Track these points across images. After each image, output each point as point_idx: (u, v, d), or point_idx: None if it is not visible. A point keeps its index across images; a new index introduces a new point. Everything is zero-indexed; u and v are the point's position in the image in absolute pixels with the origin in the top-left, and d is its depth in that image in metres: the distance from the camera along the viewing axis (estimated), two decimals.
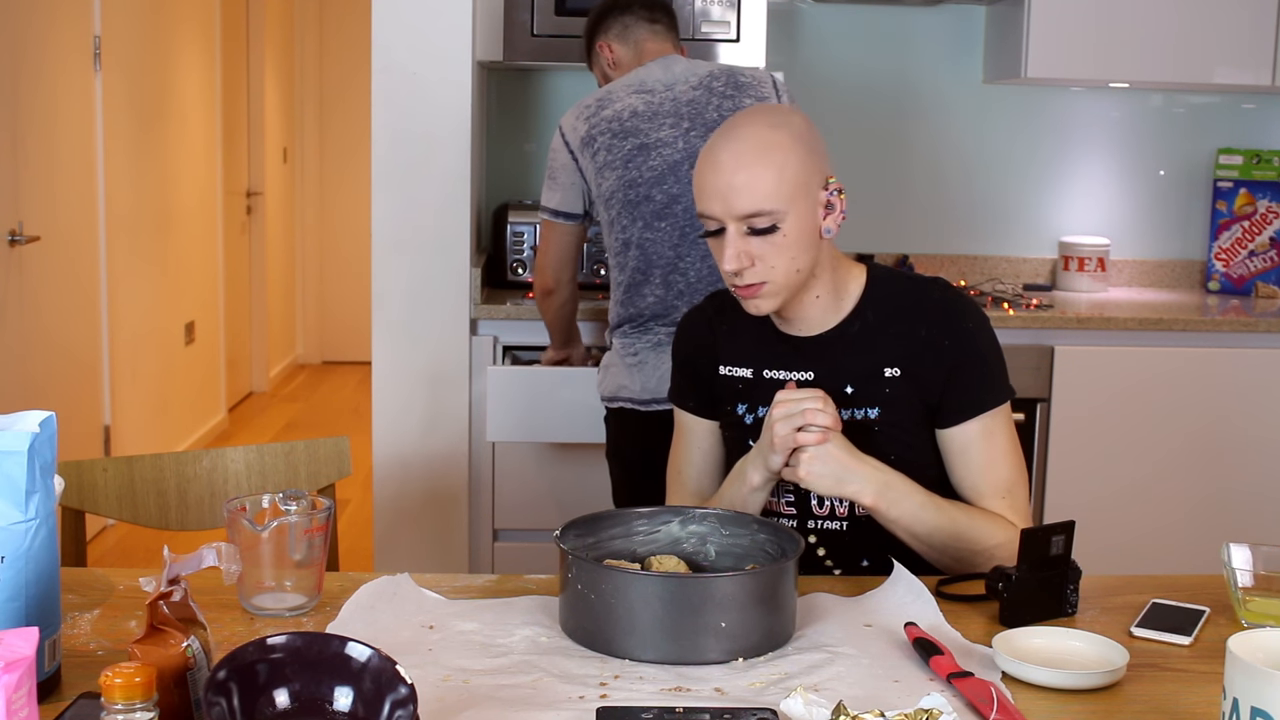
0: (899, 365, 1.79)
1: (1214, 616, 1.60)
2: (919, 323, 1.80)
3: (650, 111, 2.75)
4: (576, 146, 2.78)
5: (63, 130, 4.36)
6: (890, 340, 1.80)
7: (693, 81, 2.77)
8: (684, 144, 2.72)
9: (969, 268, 3.97)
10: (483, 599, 1.60)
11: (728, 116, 2.71)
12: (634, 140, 2.72)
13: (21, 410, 1.36)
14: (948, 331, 1.80)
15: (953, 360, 1.79)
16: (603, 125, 2.75)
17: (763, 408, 1.84)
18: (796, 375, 1.84)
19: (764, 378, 1.86)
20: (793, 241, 1.72)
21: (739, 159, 1.70)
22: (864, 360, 1.80)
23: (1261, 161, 3.88)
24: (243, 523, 1.56)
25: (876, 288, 1.83)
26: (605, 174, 2.75)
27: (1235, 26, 3.52)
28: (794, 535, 1.58)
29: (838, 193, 1.76)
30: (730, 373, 1.89)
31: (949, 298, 1.83)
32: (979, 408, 1.79)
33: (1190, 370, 3.39)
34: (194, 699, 1.23)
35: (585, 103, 2.82)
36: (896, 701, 1.32)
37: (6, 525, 1.29)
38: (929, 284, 1.86)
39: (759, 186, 1.70)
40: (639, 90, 2.78)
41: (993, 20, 3.81)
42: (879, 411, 1.80)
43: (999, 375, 1.83)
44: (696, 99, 2.75)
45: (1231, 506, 3.42)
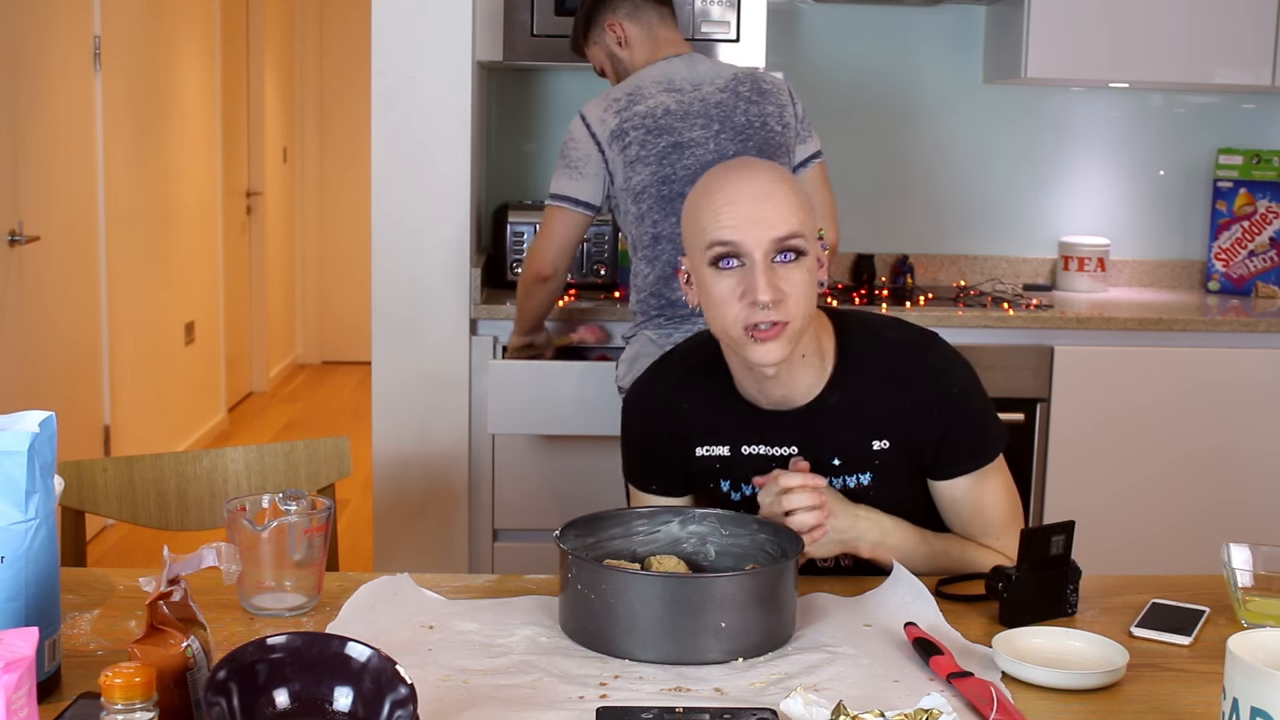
0: (888, 437, 1.74)
1: (1214, 616, 1.60)
2: (903, 394, 1.73)
3: (681, 111, 2.77)
4: (605, 139, 2.79)
5: (63, 130, 4.36)
6: (874, 411, 1.73)
7: (719, 84, 2.80)
8: (714, 145, 2.75)
9: (969, 268, 3.97)
10: (483, 599, 1.61)
11: (754, 121, 2.76)
12: (668, 138, 2.75)
13: (21, 410, 1.36)
14: (935, 400, 1.73)
15: (943, 428, 1.73)
16: (635, 120, 2.76)
17: (745, 485, 1.79)
18: (777, 450, 1.76)
19: (742, 454, 1.78)
20: (810, 278, 1.65)
21: (763, 186, 1.64)
22: (849, 433, 1.74)
23: (1261, 161, 3.88)
24: (243, 523, 1.56)
25: (851, 351, 1.75)
26: (637, 168, 2.76)
27: (1235, 26, 3.52)
28: (794, 535, 1.58)
29: (825, 247, 1.72)
30: (707, 452, 1.80)
31: (929, 362, 1.75)
32: (972, 465, 1.76)
33: (1190, 370, 3.39)
34: (194, 699, 1.23)
35: (613, 95, 2.81)
36: (896, 701, 1.32)
37: (6, 525, 1.29)
38: (906, 349, 1.76)
39: (789, 207, 1.63)
40: (668, 89, 2.79)
41: (993, 20, 3.81)
42: (871, 477, 1.75)
43: (991, 432, 1.77)
44: (724, 101, 2.78)
45: (1231, 506, 3.42)
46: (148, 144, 5.26)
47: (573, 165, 2.83)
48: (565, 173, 2.84)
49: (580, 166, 2.82)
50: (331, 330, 8.24)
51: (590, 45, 2.97)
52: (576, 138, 2.83)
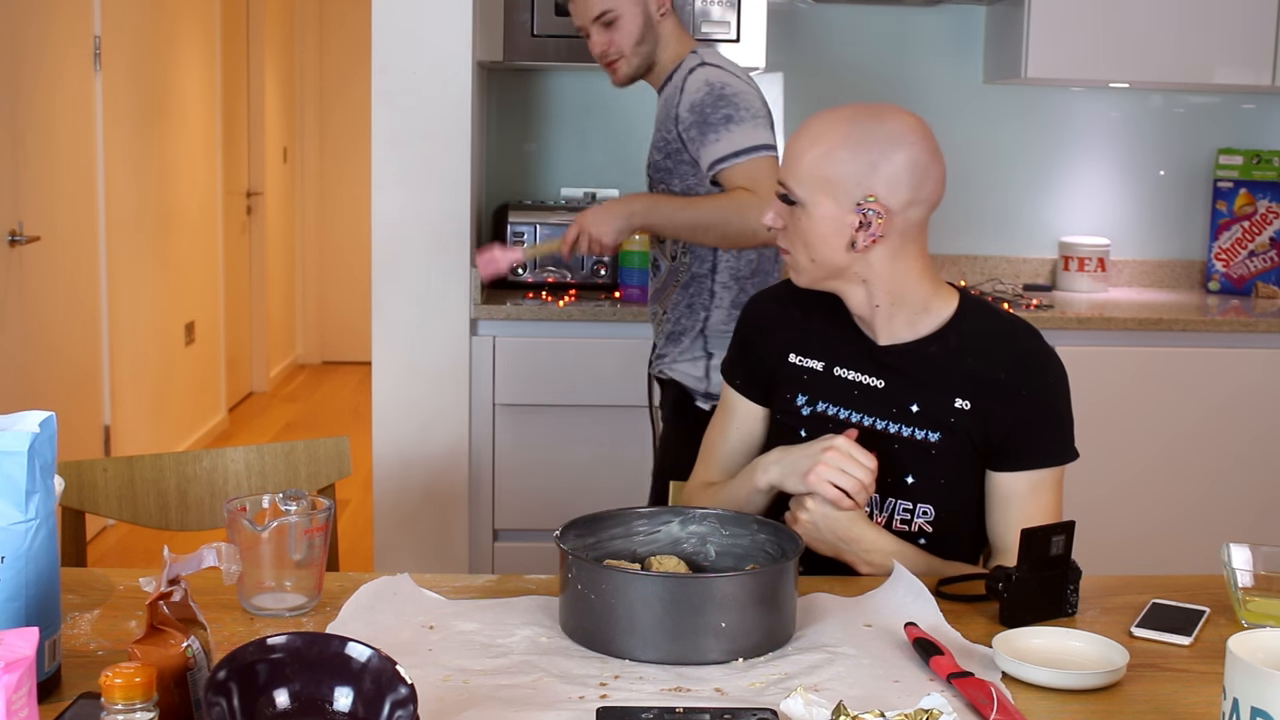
0: (970, 399, 1.77)
1: (1214, 616, 1.60)
2: (1001, 365, 1.78)
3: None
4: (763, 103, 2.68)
5: (63, 130, 4.36)
6: (967, 372, 1.78)
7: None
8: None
9: (969, 268, 3.97)
10: (483, 599, 1.60)
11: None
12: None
13: (21, 410, 1.36)
14: (1028, 380, 1.77)
15: (1026, 410, 1.76)
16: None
17: (823, 403, 1.83)
18: (867, 380, 1.81)
19: (834, 374, 1.84)
20: (810, 229, 1.75)
21: (801, 132, 1.77)
22: (936, 383, 1.78)
23: (1261, 161, 3.88)
24: (243, 523, 1.56)
25: (966, 317, 1.81)
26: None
27: (1235, 26, 3.52)
28: (794, 535, 1.58)
29: (876, 214, 1.73)
30: (800, 362, 1.87)
31: (1036, 346, 1.81)
32: (1037, 462, 1.77)
33: (1190, 370, 3.39)
34: (194, 699, 1.23)
35: (735, 69, 2.68)
36: (896, 701, 1.32)
37: (6, 525, 1.29)
38: (1020, 329, 1.84)
39: (794, 163, 1.75)
40: (747, 80, 2.68)
41: (993, 20, 3.81)
42: (940, 437, 1.77)
43: (1065, 435, 1.80)
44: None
45: (1231, 506, 3.42)
46: (148, 144, 5.26)
47: (758, 115, 2.61)
48: (755, 124, 2.59)
49: (766, 117, 2.63)
50: (331, 330, 8.24)
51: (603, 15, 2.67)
52: (744, 92, 2.61)
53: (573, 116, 3.86)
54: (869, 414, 1.80)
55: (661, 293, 2.84)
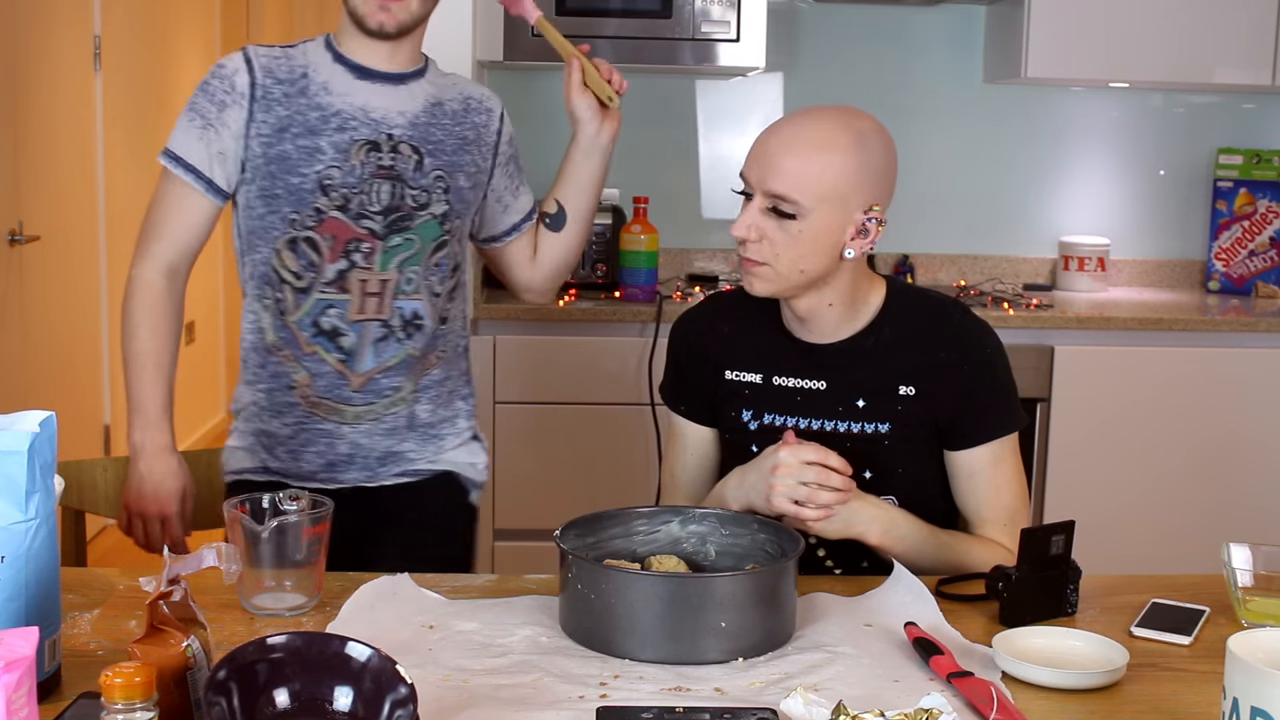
0: (914, 384, 1.78)
1: (1214, 616, 1.60)
2: (938, 345, 1.79)
3: None
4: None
5: (63, 130, 4.36)
6: (906, 358, 1.79)
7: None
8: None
9: (969, 268, 3.97)
10: (483, 599, 1.61)
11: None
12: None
13: (21, 410, 1.36)
14: (967, 356, 1.79)
15: (970, 384, 1.78)
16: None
17: (768, 414, 1.83)
18: (808, 384, 1.81)
19: (773, 384, 1.84)
20: (806, 241, 1.71)
21: (793, 140, 1.70)
22: (878, 375, 1.79)
23: (1261, 161, 3.88)
24: (243, 522, 1.56)
25: (895, 304, 1.82)
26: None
27: (1235, 26, 3.52)
28: (794, 535, 1.58)
29: (876, 222, 1.73)
30: (738, 377, 1.86)
31: (968, 322, 1.82)
32: (992, 433, 1.79)
33: (1190, 370, 3.39)
34: (194, 699, 1.23)
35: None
36: (896, 701, 1.32)
37: (6, 525, 1.29)
38: (949, 305, 1.84)
39: (794, 174, 1.69)
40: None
41: (993, 20, 3.81)
42: (890, 427, 1.79)
43: (1013, 402, 1.82)
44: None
45: (1231, 506, 3.42)
46: (148, 144, 5.26)
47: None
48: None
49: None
50: None
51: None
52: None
53: None
54: (815, 417, 1.81)
55: (418, 363, 2.07)
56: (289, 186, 1.96)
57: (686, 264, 3.89)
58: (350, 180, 1.95)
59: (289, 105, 1.98)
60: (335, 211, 1.95)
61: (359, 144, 1.97)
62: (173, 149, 2.02)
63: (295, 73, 2.01)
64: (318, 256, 1.96)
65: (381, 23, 1.97)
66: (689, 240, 3.89)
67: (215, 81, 1.99)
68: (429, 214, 1.99)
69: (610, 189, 3.84)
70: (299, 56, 2.03)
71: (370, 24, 1.97)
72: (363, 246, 1.96)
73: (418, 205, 1.98)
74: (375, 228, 1.96)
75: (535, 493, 3.35)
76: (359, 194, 1.96)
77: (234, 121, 1.97)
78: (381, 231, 1.97)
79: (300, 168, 1.95)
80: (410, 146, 1.99)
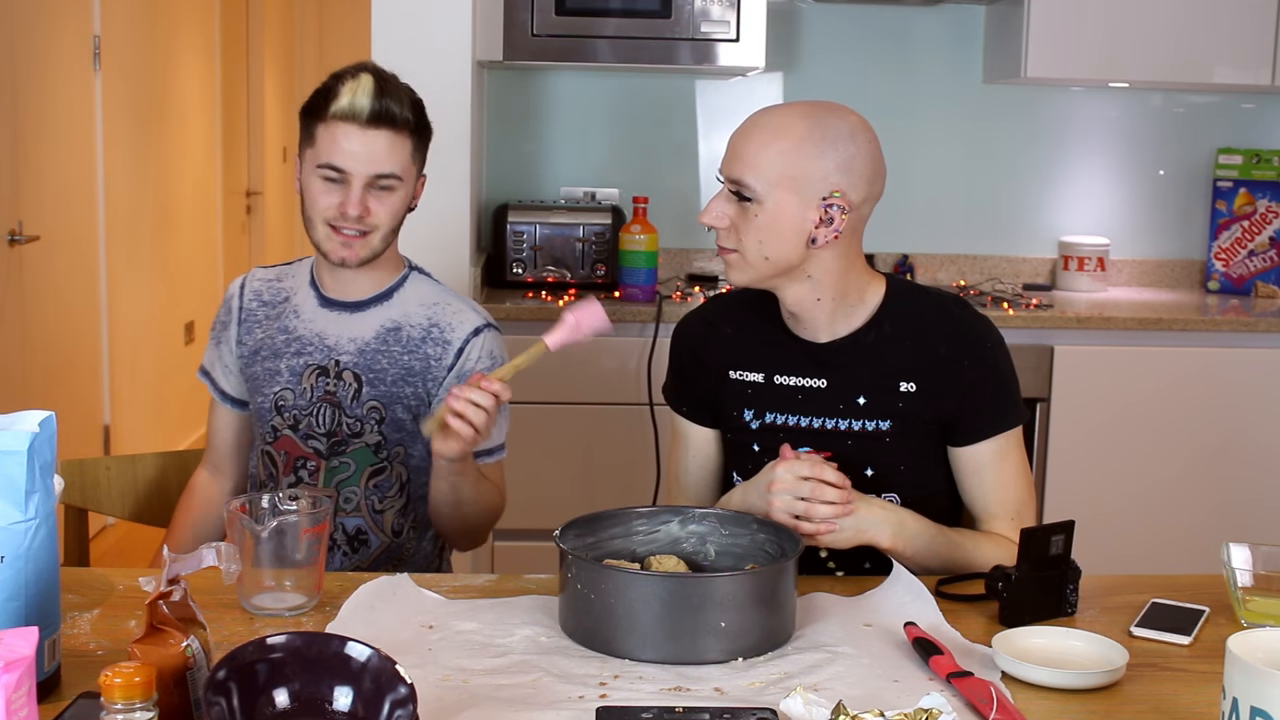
0: (914, 380, 1.78)
1: (1214, 616, 1.60)
2: (938, 340, 1.79)
3: None
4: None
5: (63, 130, 4.36)
6: (906, 354, 1.79)
7: None
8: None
9: (969, 268, 3.97)
10: (483, 599, 1.61)
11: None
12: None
13: (21, 410, 1.36)
14: (968, 351, 1.79)
15: (971, 380, 1.78)
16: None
17: (770, 413, 1.83)
18: (809, 382, 1.81)
19: (775, 383, 1.83)
20: (765, 226, 1.72)
21: (754, 127, 1.74)
22: (878, 372, 1.79)
23: (1261, 161, 3.88)
24: (242, 523, 1.56)
25: (895, 300, 1.82)
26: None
27: (1235, 26, 3.52)
28: (794, 535, 1.58)
29: (840, 210, 1.72)
30: (740, 377, 1.86)
31: (969, 317, 1.82)
32: (995, 428, 1.79)
33: (1190, 370, 3.39)
34: (194, 699, 1.23)
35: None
36: (896, 701, 1.32)
37: (6, 525, 1.29)
38: (949, 301, 1.85)
39: (748, 157, 1.72)
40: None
41: (993, 20, 3.80)
42: (891, 424, 1.78)
43: (1015, 397, 1.82)
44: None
45: (1231, 506, 3.42)
46: (148, 144, 5.26)
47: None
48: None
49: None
50: None
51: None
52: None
53: (573, 116, 3.86)
54: (816, 416, 1.81)
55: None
56: (257, 405, 2.07)
57: (686, 264, 3.89)
58: (300, 403, 2.03)
59: (266, 328, 2.08)
60: (288, 430, 2.04)
61: (310, 368, 2.03)
62: (203, 364, 2.18)
63: (280, 295, 2.10)
64: (275, 470, 2.06)
65: (344, 259, 2.00)
66: (689, 240, 3.89)
67: (224, 301, 2.15)
68: (362, 442, 2.03)
69: (610, 189, 3.84)
70: (289, 278, 2.13)
71: (333, 259, 2.00)
72: (309, 464, 2.04)
73: (353, 433, 2.03)
74: (320, 448, 2.03)
75: (535, 493, 3.35)
76: (307, 416, 2.03)
77: (230, 339, 2.12)
78: (325, 452, 2.03)
79: (264, 388, 2.05)
80: (353, 374, 2.03)
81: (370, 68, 1.97)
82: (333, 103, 1.93)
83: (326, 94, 1.95)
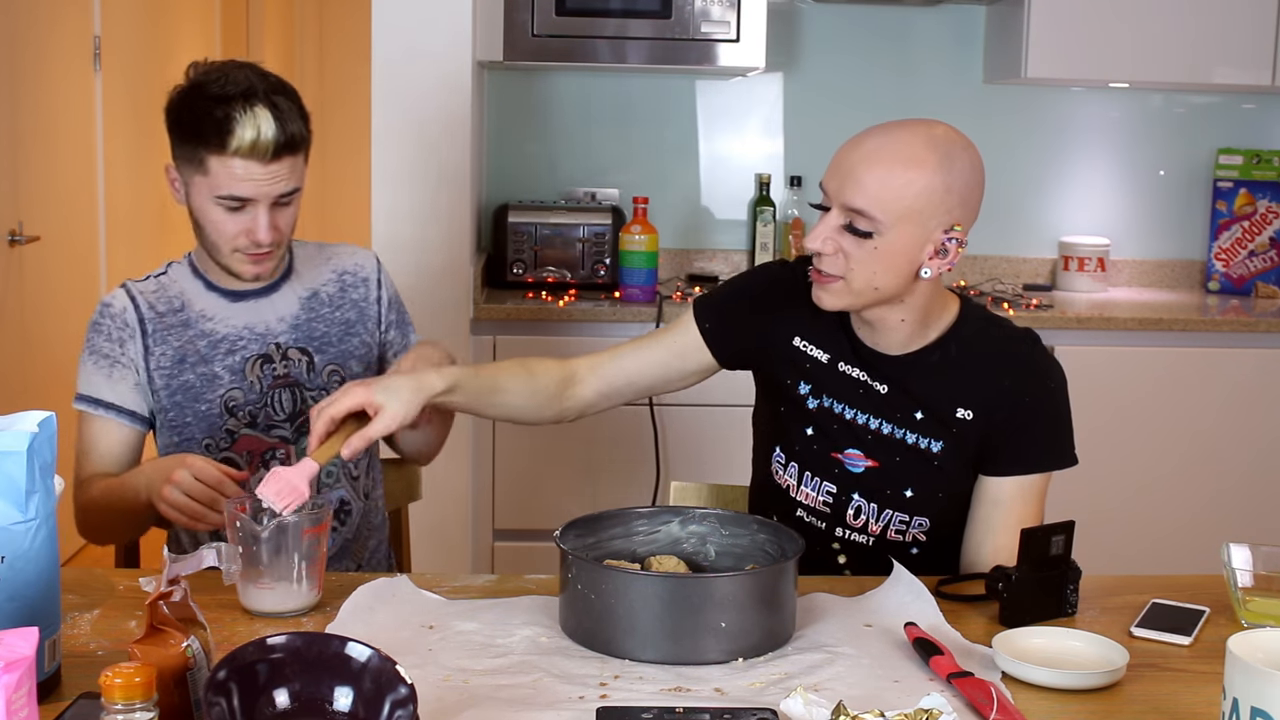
0: (973, 409, 1.75)
1: (1214, 616, 1.60)
2: (1004, 373, 1.76)
3: None
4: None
5: (63, 130, 4.36)
6: (968, 380, 1.76)
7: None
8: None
9: (969, 268, 3.97)
10: (483, 599, 1.61)
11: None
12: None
13: (21, 410, 1.36)
14: (1031, 389, 1.76)
15: (1027, 416, 1.75)
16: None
17: (828, 397, 1.81)
18: (871, 381, 1.78)
19: (838, 369, 1.81)
20: (882, 257, 1.67)
21: (877, 154, 1.66)
22: (938, 392, 1.76)
23: (1261, 161, 3.88)
24: (242, 523, 1.56)
25: (966, 324, 1.79)
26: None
27: (1235, 26, 3.52)
28: (794, 535, 1.58)
29: (957, 243, 1.69)
30: (805, 348, 1.82)
31: (1037, 354, 1.79)
32: (1029, 466, 1.77)
33: (1190, 370, 3.39)
34: (194, 699, 1.23)
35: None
36: (896, 701, 1.32)
37: (6, 525, 1.29)
38: (1020, 335, 1.81)
39: (874, 189, 1.65)
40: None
41: (993, 20, 3.80)
42: (942, 446, 1.76)
43: (1065, 441, 1.79)
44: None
45: (1231, 506, 3.42)
46: (148, 144, 5.25)
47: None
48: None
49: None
50: None
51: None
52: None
53: (573, 116, 3.86)
54: (875, 415, 1.79)
55: (353, 545, 2.09)
56: (198, 414, 1.98)
57: (686, 264, 3.89)
58: (253, 396, 1.99)
59: (179, 336, 1.99)
60: (245, 429, 1.98)
61: (251, 360, 1.99)
62: (85, 393, 2.00)
63: (174, 304, 2.02)
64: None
65: (257, 275, 1.99)
66: (689, 240, 3.89)
67: (106, 320, 2.02)
68: None
69: (610, 189, 3.84)
70: (171, 285, 2.04)
71: (246, 278, 1.98)
72: (277, 454, 2.00)
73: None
74: (286, 434, 2.00)
75: (535, 493, 3.35)
76: (264, 407, 1.99)
77: (135, 354, 1.99)
78: (292, 437, 2.01)
79: (205, 395, 1.98)
80: (298, 350, 2.01)
81: (258, 91, 1.88)
82: (229, 139, 1.85)
83: (218, 126, 1.86)
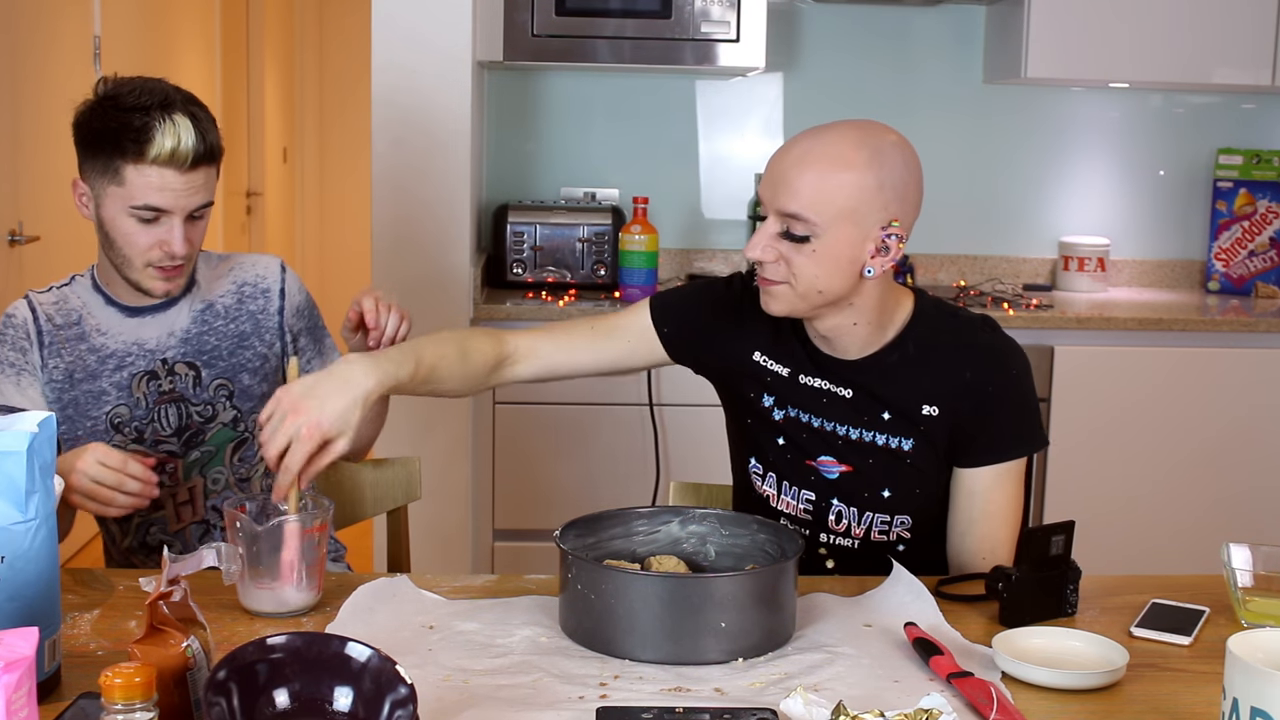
0: (938, 404, 1.75)
1: (1214, 616, 1.60)
2: (964, 365, 1.75)
3: None
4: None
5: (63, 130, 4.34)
6: (930, 376, 1.75)
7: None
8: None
9: (969, 268, 3.97)
10: (483, 599, 1.61)
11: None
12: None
13: None
14: (993, 378, 1.75)
15: (994, 405, 1.75)
16: None
17: (793, 408, 1.80)
18: (834, 388, 1.78)
19: (800, 381, 1.80)
20: (822, 260, 1.66)
21: (806, 157, 1.66)
22: (902, 391, 1.76)
23: (1261, 161, 3.88)
24: (242, 523, 1.56)
25: (922, 321, 1.78)
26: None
27: (1235, 26, 3.52)
28: (794, 535, 1.58)
29: (897, 238, 1.68)
30: (765, 363, 1.82)
31: (996, 341, 1.79)
32: (1006, 454, 1.76)
33: (1190, 370, 3.39)
34: (194, 699, 1.23)
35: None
36: (896, 701, 1.32)
37: (6, 525, 1.29)
38: (977, 324, 1.80)
39: (806, 192, 1.65)
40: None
41: (993, 20, 3.80)
42: (913, 444, 1.76)
43: (1034, 424, 1.79)
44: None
45: (1231, 506, 3.42)
46: None
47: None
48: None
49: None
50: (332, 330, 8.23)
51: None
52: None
53: (573, 116, 3.86)
54: (842, 422, 1.78)
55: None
56: (87, 430, 1.97)
57: (686, 264, 3.89)
58: (139, 412, 1.98)
59: (72, 350, 1.99)
60: (133, 445, 1.97)
61: (138, 377, 1.99)
62: None
63: (72, 317, 2.02)
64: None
65: (168, 290, 1.99)
66: (689, 240, 3.89)
67: (10, 331, 2.00)
68: (219, 423, 2.01)
69: (610, 189, 3.84)
70: (72, 298, 2.04)
71: (157, 294, 1.99)
72: (167, 467, 1.99)
73: (205, 419, 2.00)
74: (174, 449, 2.00)
75: (535, 493, 3.35)
76: (150, 423, 1.99)
77: (36, 364, 1.98)
78: (180, 451, 2.00)
79: (91, 411, 1.97)
80: (185, 365, 2.01)
81: (175, 101, 1.88)
82: (149, 147, 1.85)
83: (137, 135, 1.85)
